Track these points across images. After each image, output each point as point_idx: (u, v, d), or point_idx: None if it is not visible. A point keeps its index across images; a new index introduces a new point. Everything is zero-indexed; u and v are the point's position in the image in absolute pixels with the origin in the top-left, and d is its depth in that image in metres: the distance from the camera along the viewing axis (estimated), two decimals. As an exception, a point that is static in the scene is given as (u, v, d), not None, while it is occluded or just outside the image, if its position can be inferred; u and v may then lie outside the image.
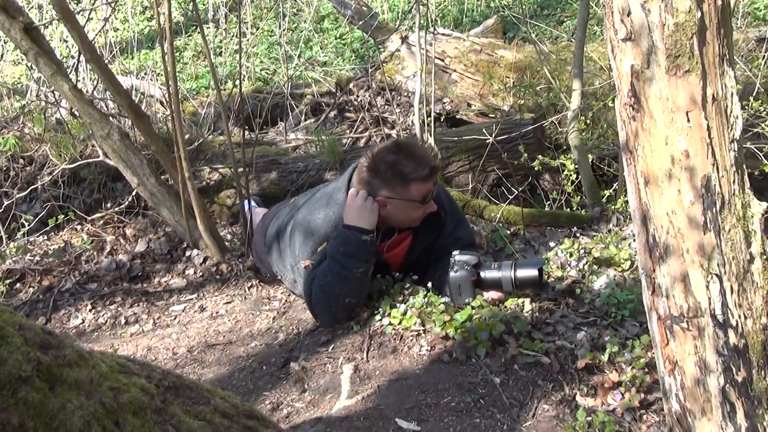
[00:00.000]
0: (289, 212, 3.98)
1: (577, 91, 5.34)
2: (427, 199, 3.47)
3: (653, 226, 1.89)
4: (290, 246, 3.73)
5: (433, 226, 3.71)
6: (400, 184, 3.42)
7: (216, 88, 4.59)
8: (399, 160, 3.42)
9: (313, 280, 3.39)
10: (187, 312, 4.16)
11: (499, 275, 3.32)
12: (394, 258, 3.67)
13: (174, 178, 4.51)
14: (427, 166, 3.39)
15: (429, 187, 3.44)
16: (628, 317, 3.20)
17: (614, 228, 4.67)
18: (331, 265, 3.35)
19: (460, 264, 3.37)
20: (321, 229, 3.52)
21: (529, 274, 3.28)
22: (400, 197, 3.45)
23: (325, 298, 3.36)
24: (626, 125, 1.89)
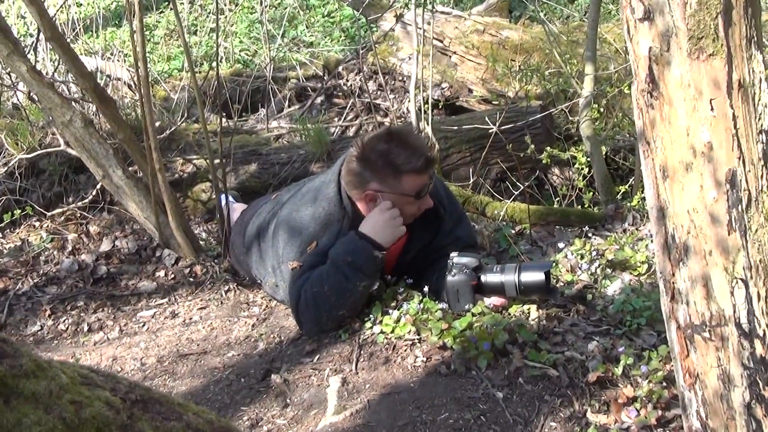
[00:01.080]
0: (272, 209, 3.97)
1: (590, 76, 5.35)
2: (422, 193, 3.47)
3: (672, 225, 1.90)
4: (273, 246, 3.72)
5: (430, 224, 3.71)
6: (392, 176, 3.42)
7: (190, 70, 4.57)
8: (391, 150, 3.42)
9: (304, 285, 3.38)
10: (157, 318, 4.16)
11: (502, 279, 3.31)
12: (387, 257, 3.67)
13: (143, 169, 4.50)
14: (422, 156, 3.39)
15: (424, 180, 3.44)
16: (644, 326, 3.20)
17: (630, 227, 4.68)
18: (331, 272, 3.33)
19: (459, 267, 3.36)
20: (308, 227, 3.52)
21: (535, 278, 3.28)
22: (391, 191, 3.45)
23: (316, 306, 3.35)
24: (643, 114, 1.89)
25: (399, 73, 7.61)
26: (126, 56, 7.57)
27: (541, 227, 4.78)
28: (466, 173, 5.83)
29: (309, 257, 3.45)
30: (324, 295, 3.31)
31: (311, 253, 3.46)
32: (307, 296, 3.35)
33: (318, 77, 8.07)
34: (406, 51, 7.56)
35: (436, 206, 3.68)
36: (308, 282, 3.37)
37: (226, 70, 8.19)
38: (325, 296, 3.31)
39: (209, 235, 5.18)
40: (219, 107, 6.36)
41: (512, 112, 5.86)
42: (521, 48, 7.03)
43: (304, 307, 3.37)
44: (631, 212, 4.81)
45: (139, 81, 4.31)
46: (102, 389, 1.51)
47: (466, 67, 7.22)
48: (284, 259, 3.57)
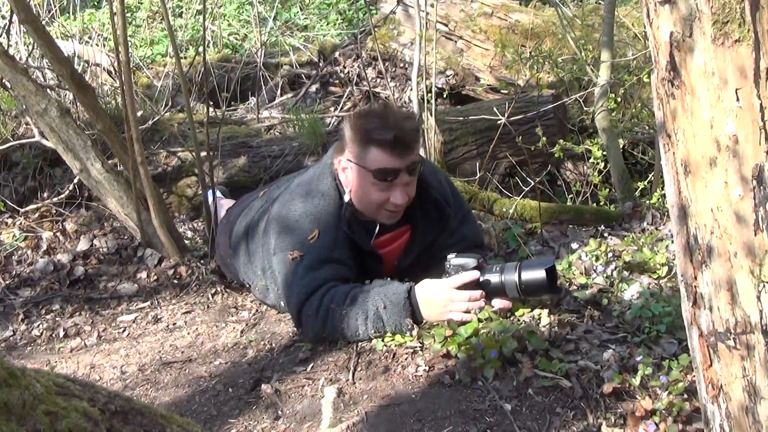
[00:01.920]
0: (261, 206, 3.97)
1: (607, 63, 5.35)
2: (387, 177, 3.45)
3: (695, 225, 1.90)
4: (263, 246, 3.73)
5: (435, 222, 3.72)
6: (359, 143, 3.46)
7: (175, 55, 4.58)
8: (369, 116, 3.49)
9: (324, 292, 3.38)
10: (139, 323, 4.16)
11: (502, 279, 3.30)
12: (387, 257, 3.68)
13: (124, 163, 4.50)
14: (392, 131, 3.37)
15: (391, 162, 3.42)
16: (664, 333, 3.20)
17: (649, 227, 4.68)
18: (357, 302, 3.32)
19: (456, 269, 3.36)
20: (301, 225, 3.52)
21: (535, 277, 3.26)
22: (356, 161, 3.48)
23: (325, 320, 3.33)
24: (664, 104, 1.89)
25: (400, 60, 7.62)
26: (106, 40, 7.57)
27: (553, 226, 4.79)
28: (472, 168, 5.83)
29: (319, 252, 3.47)
30: (338, 317, 3.31)
31: (317, 246, 3.47)
32: (321, 305, 3.35)
33: (313, 64, 8.07)
34: (408, 35, 7.57)
35: (441, 204, 3.68)
36: (330, 293, 3.38)
37: (214, 56, 8.19)
38: (338, 318, 3.31)
39: (195, 233, 5.18)
40: (206, 96, 6.35)
41: (522, 102, 5.87)
42: (532, 32, 7.04)
43: (312, 312, 3.37)
44: (651, 210, 4.82)
45: (119, 67, 4.31)
46: (79, 399, 1.51)
47: (473, 53, 7.22)
48: (278, 250, 3.58)
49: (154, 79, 7.45)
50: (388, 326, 3.27)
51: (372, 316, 3.28)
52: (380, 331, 3.29)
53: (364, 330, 3.29)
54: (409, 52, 7.42)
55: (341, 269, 3.50)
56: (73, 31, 7.67)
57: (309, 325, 3.41)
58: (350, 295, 3.34)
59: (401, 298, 3.28)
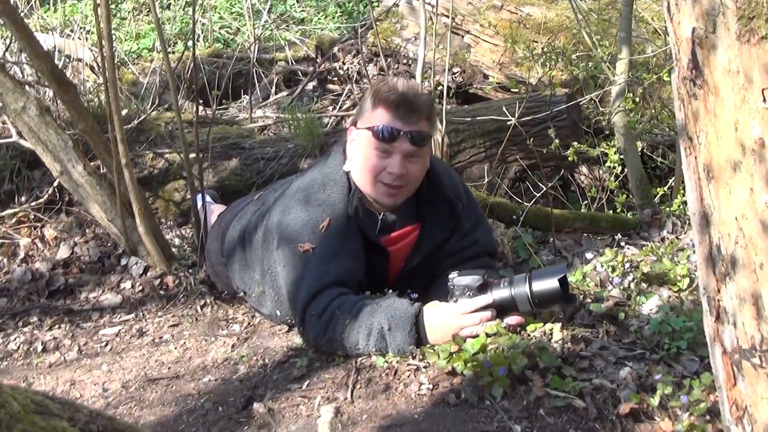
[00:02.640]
0: (257, 210, 3.98)
1: (624, 60, 5.35)
2: (388, 137, 3.52)
3: (718, 234, 1.90)
4: (264, 253, 3.76)
5: (446, 220, 3.75)
6: (369, 105, 3.59)
7: (163, 50, 4.58)
8: (380, 83, 3.65)
9: (334, 295, 3.41)
10: (122, 337, 4.16)
11: (512, 293, 3.31)
12: (395, 255, 3.71)
13: (107, 165, 4.50)
14: (398, 93, 3.52)
15: (394, 122, 3.52)
16: (685, 350, 3.20)
17: (669, 236, 4.68)
18: (362, 315, 3.32)
19: (461, 289, 3.36)
20: (302, 235, 3.56)
21: (548, 287, 3.26)
22: (363, 125, 3.59)
23: (326, 325, 3.37)
24: (685, 105, 1.89)
25: (403, 56, 7.63)
26: (88, 33, 7.59)
27: (567, 235, 4.78)
28: (480, 171, 5.83)
29: (330, 242, 3.53)
30: (340, 326, 3.32)
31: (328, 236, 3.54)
32: (328, 309, 3.38)
33: (310, 59, 8.08)
34: (411, 29, 7.58)
35: (452, 201, 3.72)
36: (339, 300, 3.40)
37: (204, 51, 8.20)
38: (340, 327, 3.32)
39: (183, 241, 5.18)
40: (195, 93, 6.36)
41: (534, 102, 5.87)
42: (545, 27, 7.04)
43: (317, 313, 3.40)
44: (671, 218, 4.82)
45: (103, 62, 4.31)
46: (59, 418, 1.51)
47: (481, 49, 7.23)
48: (286, 242, 3.62)
49: (140, 76, 7.47)
50: (390, 348, 3.28)
51: (375, 334, 3.28)
52: (382, 351, 3.29)
53: (364, 345, 3.30)
54: (413, 47, 7.44)
55: (355, 264, 3.56)
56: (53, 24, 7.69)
57: (311, 324, 3.42)
58: (357, 307, 3.35)
59: (408, 323, 3.27)
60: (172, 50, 8.63)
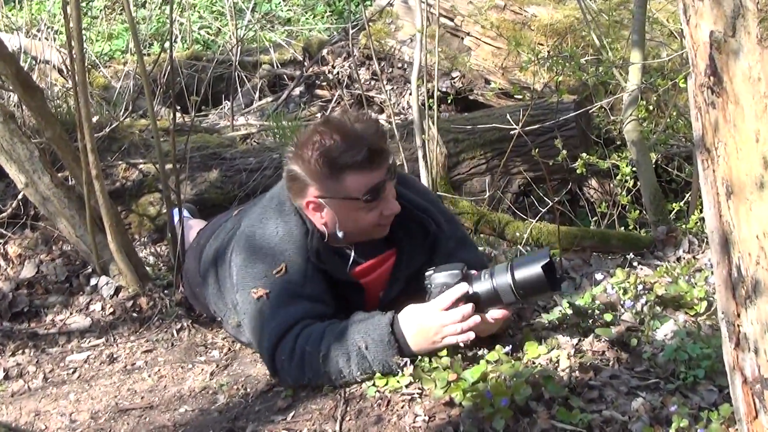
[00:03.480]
0: (232, 228, 3.96)
1: (637, 65, 5.37)
2: (377, 194, 3.44)
3: (738, 254, 1.90)
4: (230, 275, 3.72)
5: (421, 242, 3.72)
6: (329, 176, 3.41)
7: (137, 52, 4.58)
8: (325, 144, 3.38)
9: (298, 333, 3.35)
10: (92, 363, 4.15)
11: (494, 285, 3.31)
12: (370, 287, 3.67)
13: (77, 176, 4.50)
14: (363, 147, 3.35)
15: (374, 177, 3.41)
16: (702, 379, 3.20)
17: (685, 255, 4.69)
18: (336, 342, 3.29)
19: (440, 287, 3.36)
20: (274, 246, 3.51)
21: (532, 274, 3.25)
22: (334, 196, 3.45)
23: (302, 365, 3.30)
24: (702, 114, 1.90)
25: (398, 59, 7.65)
26: (57, 33, 7.59)
27: (575, 254, 4.79)
28: (480, 185, 5.84)
29: (286, 288, 3.44)
30: (316, 360, 3.28)
31: (284, 281, 3.44)
32: (296, 349, 3.33)
33: (297, 63, 8.11)
34: (407, 31, 7.60)
35: (423, 219, 3.68)
36: (304, 334, 3.34)
37: (182, 53, 8.21)
38: (316, 361, 3.28)
39: (158, 259, 5.17)
40: (172, 99, 6.38)
41: (539, 110, 5.89)
42: (551, 29, 7.07)
43: (286, 357, 3.35)
44: (687, 236, 4.82)
45: (72, 65, 4.32)
46: (21, 453, 1.51)
47: (483, 52, 7.25)
48: (240, 287, 3.56)
49: (112, 80, 7.47)
50: (375, 366, 3.26)
51: (355, 357, 3.26)
52: (368, 372, 3.27)
53: (348, 372, 3.28)
54: (409, 50, 7.45)
55: (315, 306, 3.47)
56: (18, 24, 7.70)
57: (285, 371, 3.38)
58: (326, 335, 3.32)
59: (384, 334, 3.26)
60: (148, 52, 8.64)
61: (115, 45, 9.22)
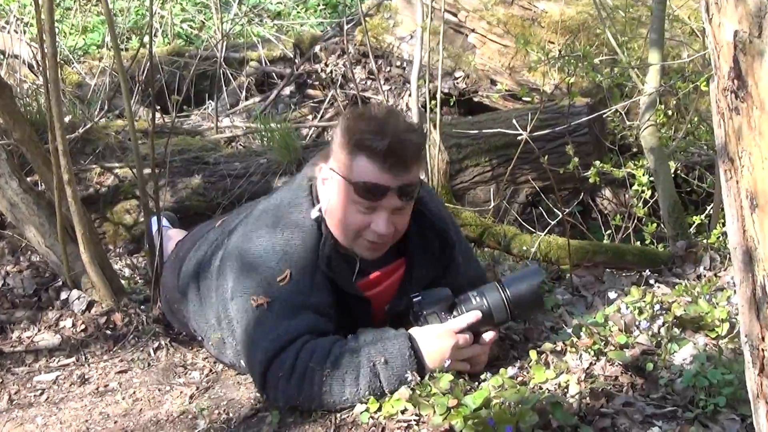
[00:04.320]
0: (216, 239, 3.95)
1: (656, 66, 5.38)
2: (374, 196, 3.45)
3: (763, 272, 1.90)
4: (218, 289, 3.71)
5: (437, 255, 3.73)
6: (347, 148, 3.45)
7: (114, 47, 4.59)
8: (359, 120, 3.48)
9: (300, 346, 3.32)
10: (61, 384, 4.14)
11: (488, 303, 3.41)
12: (376, 300, 3.67)
13: (47, 181, 4.50)
14: (386, 139, 3.37)
15: (379, 176, 3.41)
16: (723, 408, 3.20)
17: (706, 273, 4.69)
18: (344, 360, 3.29)
19: (429, 309, 3.43)
20: (267, 262, 3.50)
21: (527, 290, 3.43)
22: (339, 171, 3.48)
23: (301, 382, 3.28)
24: (725, 120, 1.90)
25: (397, 57, 7.66)
26: (27, 26, 7.60)
27: (586, 270, 4.79)
28: (485, 194, 5.85)
29: (291, 297, 3.43)
30: (318, 379, 3.26)
31: (288, 290, 3.44)
32: (297, 364, 3.30)
33: (287, 60, 8.11)
34: (407, 27, 7.61)
35: (443, 231, 3.70)
36: (307, 348, 3.32)
37: (163, 48, 8.22)
38: (318, 380, 3.26)
39: (134, 271, 5.17)
40: (152, 98, 6.39)
41: (549, 113, 5.89)
42: (563, 26, 7.08)
43: (285, 373, 3.31)
44: (708, 252, 4.82)
45: (43, 60, 4.32)
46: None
47: (489, 51, 7.27)
48: (237, 294, 3.54)
49: (86, 76, 7.47)
50: (386, 385, 3.27)
51: (367, 374, 3.25)
52: (375, 393, 3.27)
53: (353, 393, 3.26)
54: (408, 47, 7.46)
55: (319, 321, 3.45)
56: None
57: (279, 389, 3.34)
58: (334, 351, 3.31)
59: (405, 349, 3.29)
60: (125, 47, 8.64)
61: (90, 39, 9.23)
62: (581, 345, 3.53)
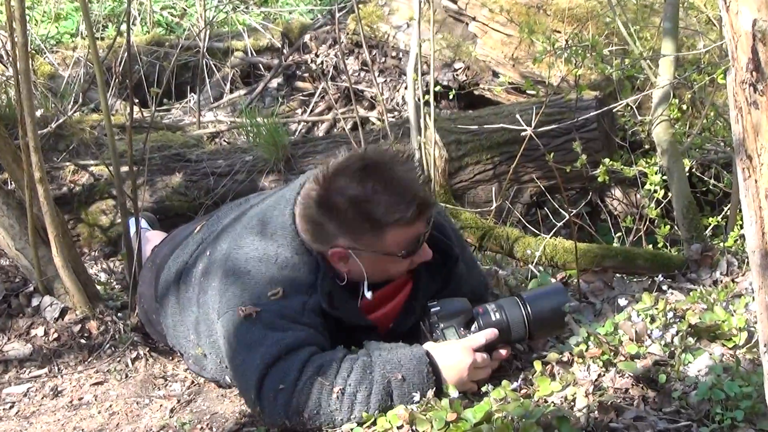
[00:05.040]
0: (197, 248, 3.93)
1: (669, 57, 5.38)
2: (417, 247, 3.49)
3: (783, 278, 1.91)
4: (200, 299, 3.68)
5: (440, 269, 3.73)
6: (369, 231, 3.42)
7: (89, 36, 4.58)
8: (368, 195, 3.38)
9: (305, 360, 3.29)
10: (32, 397, 4.14)
11: (505, 319, 3.43)
12: (380, 322, 3.67)
13: (17, 179, 4.50)
14: (412, 201, 3.36)
15: (417, 229, 3.44)
16: (741, 422, 3.20)
17: (723, 278, 4.69)
18: (357, 375, 3.27)
19: (447, 322, 3.44)
20: (258, 272, 3.49)
21: (551, 309, 3.46)
22: (369, 249, 3.46)
23: (307, 398, 3.25)
24: (743, 115, 1.90)
25: (392, 47, 7.66)
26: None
27: (595, 275, 4.79)
28: (486, 194, 5.85)
29: (281, 311, 3.39)
30: (326, 394, 3.24)
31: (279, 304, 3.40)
32: (302, 377, 3.26)
33: (275, 50, 8.11)
34: (403, 15, 7.61)
35: (444, 244, 3.70)
36: (314, 361, 3.29)
37: (141, 38, 8.22)
38: (325, 396, 3.24)
39: (111, 276, 5.17)
40: (129, 91, 6.38)
41: (555, 107, 5.90)
42: (570, 14, 7.09)
43: (287, 386, 3.26)
44: (725, 256, 4.82)
45: (13, 50, 4.32)
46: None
47: (491, 40, 7.27)
48: (223, 309, 3.50)
49: (59, 68, 7.47)
50: (397, 401, 3.26)
51: (380, 391, 3.24)
52: (385, 410, 3.25)
53: (362, 409, 3.24)
54: (405, 37, 7.46)
55: (317, 335, 3.43)
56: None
57: (279, 402, 3.27)
58: (345, 366, 3.29)
59: (423, 365, 3.29)
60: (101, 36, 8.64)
61: (64, 27, 9.23)
62: (589, 355, 3.52)
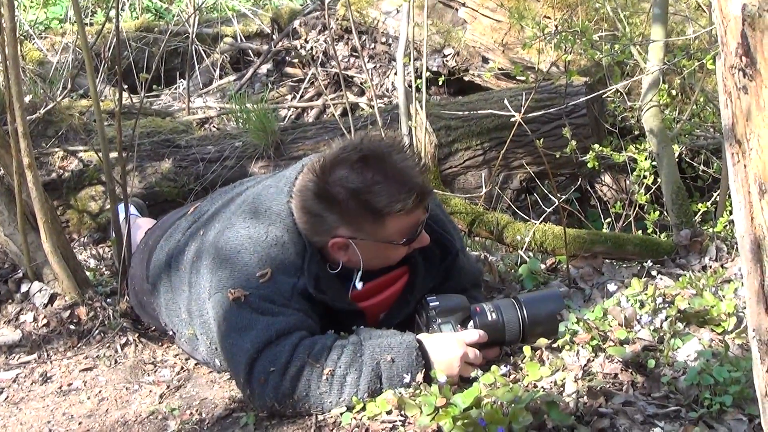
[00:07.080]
0: (189, 227, 3.94)
1: (659, 43, 5.38)
2: (417, 234, 3.50)
3: (772, 263, 1.91)
4: (191, 282, 3.69)
5: (438, 263, 3.74)
6: (370, 221, 3.43)
7: (78, 22, 4.57)
8: (367, 185, 3.38)
9: (296, 343, 3.29)
10: (21, 383, 4.14)
11: (501, 320, 3.45)
12: (371, 311, 3.67)
13: (5, 165, 4.49)
14: (412, 190, 3.37)
15: (416, 217, 3.46)
16: (729, 407, 3.21)
17: (712, 263, 4.70)
18: (346, 358, 3.28)
19: (444, 318, 3.44)
20: (247, 251, 3.48)
21: (547, 313, 3.48)
22: (369, 238, 3.47)
23: (296, 382, 3.26)
24: (733, 100, 1.90)
25: (382, 33, 7.65)
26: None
27: (584, 260, 4.80)
28: (476, 180, 5.85)
29: (270, 295, 3.39)
30: (315, 377, 3.25)
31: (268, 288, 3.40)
32: (293, 360, 3.27)
33: (264, 36, 8.09)
34: (392, 1, 7.59)
35: (444, 238, 3.70)
36: (304, 344, 3.30)
37: (130, 23, 8.19)
38: (315, 379, 3.25)
39: (100, 262, 5.16)
40: (119, 76, 6.36)
41: (545, 93, 5.89)
42: (559, 0, 7.07)
43: (278, 369, 3.27)
44: (715, 242, 4.83)
45: (1, 36, 4.31)
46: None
47: (480, 26, 7.26)
48: (213, 290, 3.51)
49: (48, 53, 7.45)
50: (386, 385, 3.27)
51: (369, 374, 3.25)
52: (375, 394, 3.27)
53: (352, 391, 3.25)
54: (394, 22, 7.45)
55: (306, 319, 3.43)
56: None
57: (269, 385, 3.29)
58: (335, 349, 3.30)
59: (413, 349, 3.30)
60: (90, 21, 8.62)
61: (52, 13, 9.20)
62: (579, 341, 3.53)
